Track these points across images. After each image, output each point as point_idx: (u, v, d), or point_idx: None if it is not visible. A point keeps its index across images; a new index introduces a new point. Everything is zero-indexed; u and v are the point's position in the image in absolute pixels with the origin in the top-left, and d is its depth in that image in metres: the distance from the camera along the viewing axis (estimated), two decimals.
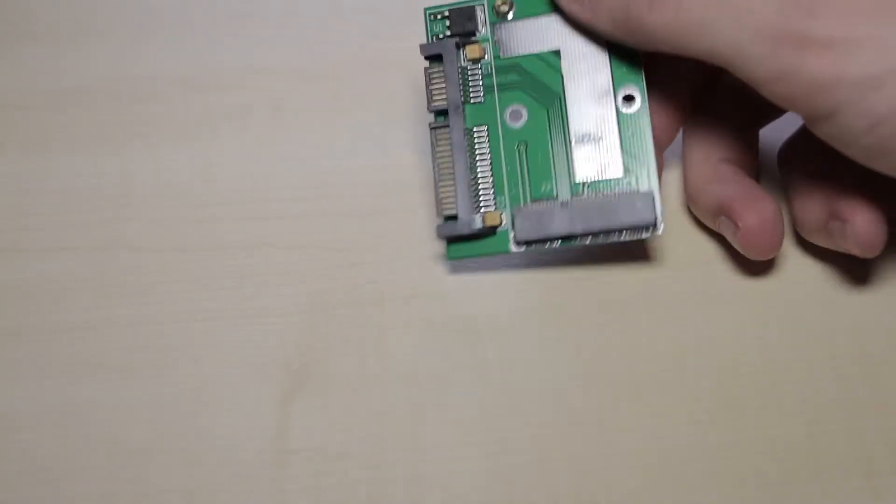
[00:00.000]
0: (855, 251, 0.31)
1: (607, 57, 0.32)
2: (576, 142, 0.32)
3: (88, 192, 0.36)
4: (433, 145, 0.32)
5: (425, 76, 0.33)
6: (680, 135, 0.35)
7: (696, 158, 0.33)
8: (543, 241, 0.32)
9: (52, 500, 0.30)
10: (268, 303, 0.33)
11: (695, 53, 0.29)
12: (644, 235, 0.31)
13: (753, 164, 0.34)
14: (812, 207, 0.32)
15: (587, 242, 0.32)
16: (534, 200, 0.32)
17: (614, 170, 0.32)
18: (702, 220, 0.34)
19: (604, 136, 0.32)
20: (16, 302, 0.34)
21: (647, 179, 0.32)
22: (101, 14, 0.41)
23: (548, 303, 0.33)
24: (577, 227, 0.31)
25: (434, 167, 0.32)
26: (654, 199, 0.31)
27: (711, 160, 0.33)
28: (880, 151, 0.28)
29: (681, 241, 0.34)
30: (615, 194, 0.32)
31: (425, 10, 0.33)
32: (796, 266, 0.33)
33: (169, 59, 0.39)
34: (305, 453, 0.30)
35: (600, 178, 0.32)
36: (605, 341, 0.32)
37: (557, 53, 0.33)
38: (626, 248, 0.34)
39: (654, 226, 0.31)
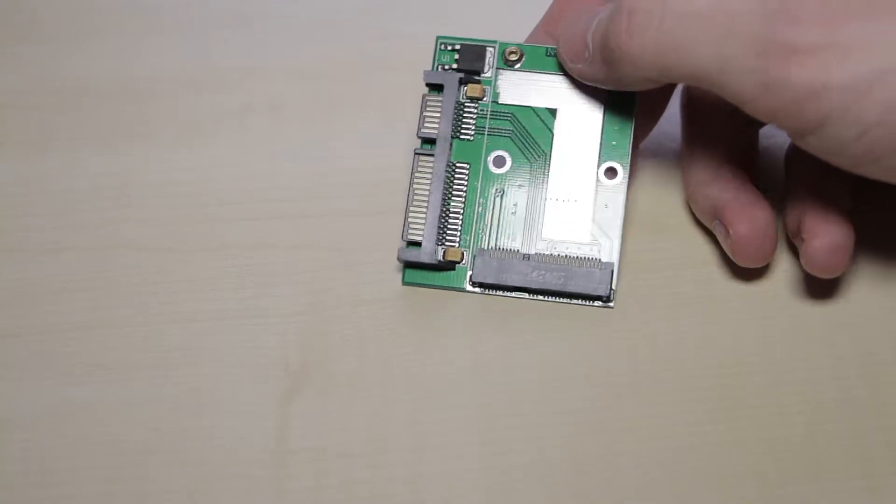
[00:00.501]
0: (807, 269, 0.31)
1: (600, 127, 0.33)
2: (551, 200, 0.33)
3: (88, 192, 0.36)
4: (413, 170, 0.33)
5: (422, 102, 0.33)
6: (679, 131, 0.35)
7: (696, 157, 0.33)
8: (498, 287, 0.33)
9: (52, 500, 0.30)
10: (268, 303, 0.33)
11: (679, 76, 0.29)
12: (596, 304, 0.32)
13: (753, 164, 0.34)
14: (792, 214, 0.32)
15: (541, 297, 0.33)
16: (497, 247, 0.33)
17: (581, 235, 0.33)
18: (700, 219, 0.34)
19: (579, 200, 0.33)
20: (16, 302, 0.34)
21: (609, 252, 0.33)
22: (101, 14, 0.41)
23: (547, 303, 0.33)
24: (533, 283, 0.32)
25: (409, 191, 0.32)
26: (612, 273, 0.32)
27: (711, 160, 0.33)
28: (869, 158, 0.27)
29: (681, 241, 0.34)
30: (577, 259, 0.32)
31: (437, 38, 0.34)
32: (796, 266, 0.33)
33: (169, 59, 0.39)
34: (305, 453, 0.30)
35: (566, 240, 0.33)
36: (606, 341, 0.32)
37: (553, 113, 0.33)
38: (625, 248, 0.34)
39: (608, 299, 0.32)
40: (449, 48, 0.34)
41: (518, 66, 0.33)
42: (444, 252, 0.33)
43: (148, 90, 0.38)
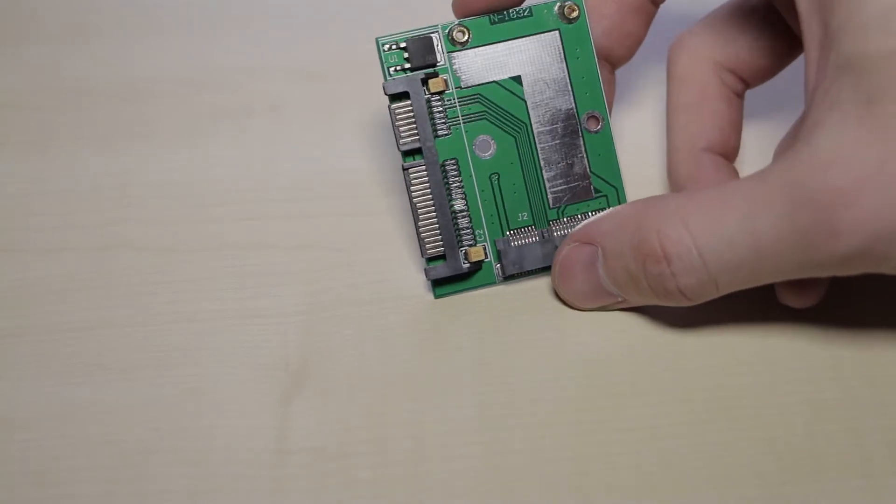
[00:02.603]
0: None
1: (568, 80, 0.33)
2: (546, 167, 0.33)
3: (88, 192, 0.36)
4: (408, 186, 0.32)
5: (391, 115, 0.32)
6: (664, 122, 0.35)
7: (679, 145, 0.33)
8: (532, 272, 0.33)
9: (52, 500, 0.30)
10: (268, 303, 0.33)
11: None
12: None
13: (736, 144, 0.34)
14: None
15: None
16: (511, 230, 0.33)
17: (585, 192, 0.33)
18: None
19: (573, 159, 0.33)
20: (16, 302, 0.34)
21: (616, 198, 0.33)
22: (101, 14, 0.41)
23: (548, 302, 0.33)
24: None
25: (412, 207, 0.32)
26: None
27: (694, 149, 0.33)
28: None
29: None
30: (591, 216, 0.32)
31: (377, 40, 0.32)
32: None
33: (169, 59, 0.39)
34: (305, 453, 0.30)
35: (573, 202, 0.33)
36: (605, 341, 0.32)
37: (518, 80, 0.33)
38: None
39: None
40: (394, 47, 0.32)
41: (469, 44, 0.33)
42: (466, 254, 0.32)
43: (148, 90, 0.38)
